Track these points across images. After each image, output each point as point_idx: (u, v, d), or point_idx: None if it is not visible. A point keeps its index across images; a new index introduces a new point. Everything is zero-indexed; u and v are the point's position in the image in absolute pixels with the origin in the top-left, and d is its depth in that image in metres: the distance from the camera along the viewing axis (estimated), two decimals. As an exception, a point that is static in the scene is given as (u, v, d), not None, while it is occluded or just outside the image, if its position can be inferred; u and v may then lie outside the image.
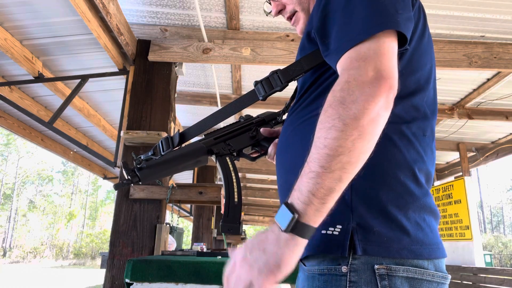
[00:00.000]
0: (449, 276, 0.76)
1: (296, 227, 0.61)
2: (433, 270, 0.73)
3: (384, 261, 0.70)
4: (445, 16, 2.84)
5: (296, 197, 0.63)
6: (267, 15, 1.11)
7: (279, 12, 1.02)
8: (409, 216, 0.73)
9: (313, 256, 0.76)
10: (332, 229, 0.73)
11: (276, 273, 0.61)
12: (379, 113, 0.64)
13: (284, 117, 1.04)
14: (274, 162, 1.00)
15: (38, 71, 3.29)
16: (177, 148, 0.97)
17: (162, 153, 0.94)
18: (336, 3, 0.76)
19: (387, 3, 0.72)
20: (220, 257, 2.13)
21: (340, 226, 0.72)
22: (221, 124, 1.09)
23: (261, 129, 1.04)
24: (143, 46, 3.11)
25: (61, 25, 2.91)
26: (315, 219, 0.63)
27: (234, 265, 0.66)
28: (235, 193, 0.88)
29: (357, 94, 0.63)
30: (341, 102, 0.64)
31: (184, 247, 8.07)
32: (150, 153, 0.95)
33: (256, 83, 0.89)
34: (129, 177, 0.95)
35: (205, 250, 3.12)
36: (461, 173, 5.92)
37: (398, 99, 0.78)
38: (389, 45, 0.68)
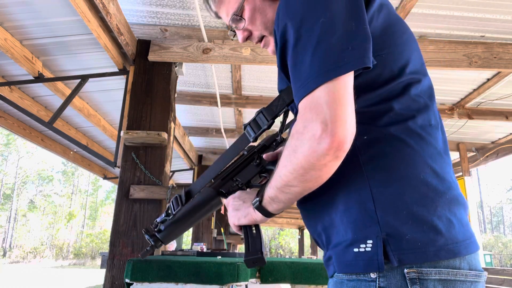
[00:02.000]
0: (485, 273, 0.73)
1: (257, 207, 0.86)
2: (467, 269, 0.71)
3: (415, 264, 0.68)
4: (445, 16, 2.84)
5: (266, 190, 0.84)
6: (232, 39, 1.11)
7: (247, 38, 1.01)
8: (439, 214, 0.71)
9: None
10: (364, 245, 0.71)
11: (244, 221, 0.91)
12: (327, 164, 0.69)
13: (284, 133, 1.06)
14: None
15: (38, 71, 3.29)
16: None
17: (174, 212, 1.02)
18: (289, 42, 0.75)
19: (334, 43, 0.69)
20: (220, 257, 2.13)
21: (371, 241, 0.71)
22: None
23: (264, 155, 1.04)
24: (143, 46, 3.11)
25: (61, 25, 2.91)
26: (268, 207, 0.84)
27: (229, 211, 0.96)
28: (253, 225, 0.91)
29: (305, 148, 0.68)
30: (294, 150, 0.71)
31: (184, 247, 8.08)
32: (163, 215, 1.04)
33: (245, 126, 0.94)
34: (152, 242, 1.04)
35: (205, 250, 3.13)
36: (461, 173, 5.92)
37: (395, 98, 0.78)
38: (340, 88, 0.67)
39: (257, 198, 0.85)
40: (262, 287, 1.88)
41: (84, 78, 3.24)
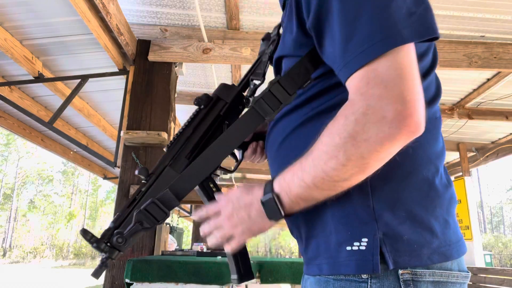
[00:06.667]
0: (470, 274, 0.72)
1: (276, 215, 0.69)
2: (457, 270, 0.69)
3: (410, 265, 0.64)
4: (445, 16, 2.84)
5: (285, 192, 0.67)
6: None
7: None
8: (437, 215, 0.67)
9: None
10: (358, 244, 0.65)
11: (255, 235, 0.71)
12: (391, 152, 0.59)
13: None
14: (254, 161, 1.03)
15: (38, 71, 3.29)
16: None
17: None
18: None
19: (397, 5, 0.59)
20: (220, 257, 2.13)
21: (366, 239, 0.64)
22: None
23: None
24: (143, 46, 3.11)
25: (61, 25, 2.91)
26: (292, 213, 0.69)
27: (219, 214, 0.74)
28: None
29: (372, 133, 0.56)
30: (352, 136, 0.58)
31: (184, 247, 8.07)
32: None
33: (255, 100, 0.75)
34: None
35: (205, 250, 3.13)
36: (461, 173, 5.92)
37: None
38: (410, 60, 0.58)
39: (276, 208, 0.67)
40: (262, 287, 1.88)
41: (84, 78, 3.24)
